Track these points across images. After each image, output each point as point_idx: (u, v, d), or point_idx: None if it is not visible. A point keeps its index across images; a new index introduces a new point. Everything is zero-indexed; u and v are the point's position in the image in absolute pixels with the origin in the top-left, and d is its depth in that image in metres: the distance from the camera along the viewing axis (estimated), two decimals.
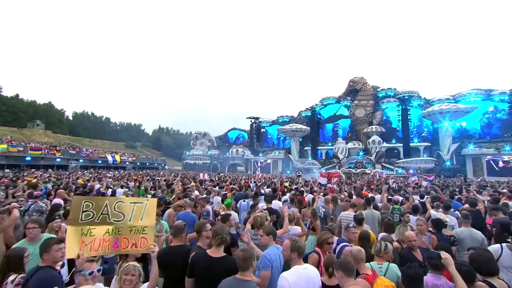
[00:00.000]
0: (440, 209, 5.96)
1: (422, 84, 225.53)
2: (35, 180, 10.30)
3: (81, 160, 35.97)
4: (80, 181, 12.14)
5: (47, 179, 12.14)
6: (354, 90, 51.80)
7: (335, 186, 12.62)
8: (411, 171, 37.54)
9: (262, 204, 6.49)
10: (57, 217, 4.43)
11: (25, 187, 7.85)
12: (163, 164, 61.38)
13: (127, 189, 9.66)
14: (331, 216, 6.77)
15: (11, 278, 2.47)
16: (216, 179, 17.88)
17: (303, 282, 2.52)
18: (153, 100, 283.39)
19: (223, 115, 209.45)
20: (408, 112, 43.70)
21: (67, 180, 13.17)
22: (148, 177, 17.11)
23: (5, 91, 66.58)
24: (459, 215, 5.20)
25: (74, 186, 9.17)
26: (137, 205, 2.52)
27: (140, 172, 31.88)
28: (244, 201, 7.27)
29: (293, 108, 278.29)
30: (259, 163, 57.94)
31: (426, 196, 8.17)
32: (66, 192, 7.35)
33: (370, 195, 8.37)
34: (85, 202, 2.38)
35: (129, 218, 2.47)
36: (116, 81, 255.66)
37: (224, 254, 2.80)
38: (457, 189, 12.97)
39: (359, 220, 4.71)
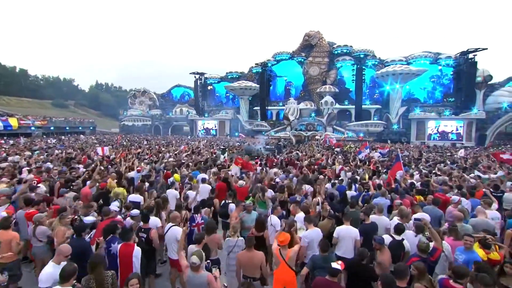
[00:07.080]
0: None
1: (377, 44, 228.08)
2: None
3: None
4: None
5: None
6: (309, 45, 47.72)
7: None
8: (361, 135, 37.70)
9: None
10: None
11: None
12: (91, 128, 51.98)
13: None
14: None
15: None
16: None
17: None
18: (88, 53, 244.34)
19: (169, 70, 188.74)
20: (363, 72, 41.41)
21: None
22: None
23: None
24: None
25: None
26: None
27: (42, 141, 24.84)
28: None
29: (245, 64, 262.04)
30: (198, 127, 52.47)
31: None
32: None
33: None
34: None
35: None
36: (32, 26, 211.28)
37: None
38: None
39: None
